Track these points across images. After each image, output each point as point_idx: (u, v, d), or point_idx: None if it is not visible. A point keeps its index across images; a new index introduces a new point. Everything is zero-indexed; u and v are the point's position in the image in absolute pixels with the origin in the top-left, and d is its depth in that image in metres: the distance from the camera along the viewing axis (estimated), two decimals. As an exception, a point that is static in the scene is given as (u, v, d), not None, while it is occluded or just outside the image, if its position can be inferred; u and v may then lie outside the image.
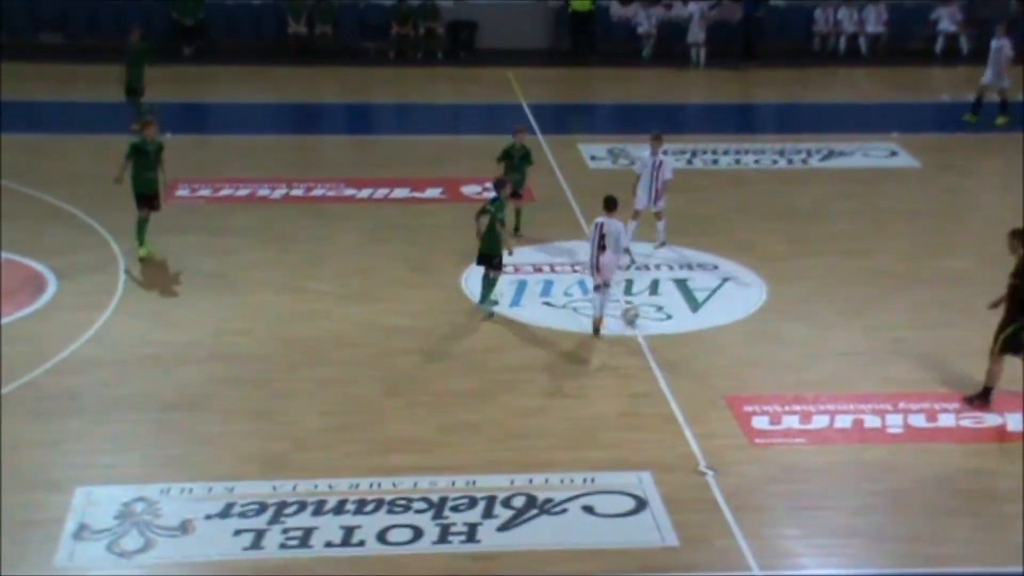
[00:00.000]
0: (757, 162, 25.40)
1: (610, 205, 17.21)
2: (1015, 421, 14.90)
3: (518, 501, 12.97)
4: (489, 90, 30.90)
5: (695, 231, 20.84)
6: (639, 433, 14.54)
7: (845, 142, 26.44)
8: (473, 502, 12.94)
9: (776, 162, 25.41)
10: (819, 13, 34.76)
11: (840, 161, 25.46)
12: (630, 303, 17.90)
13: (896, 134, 26.97)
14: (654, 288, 18.67)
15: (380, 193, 22.77)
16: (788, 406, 15.17)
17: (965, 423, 14.92)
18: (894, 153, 25.98)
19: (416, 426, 14.59)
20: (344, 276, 18.95)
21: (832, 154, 25.80)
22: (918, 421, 14.94)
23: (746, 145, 26.38)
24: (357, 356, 16.40)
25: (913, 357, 16.55)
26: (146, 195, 19.10)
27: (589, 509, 12.92)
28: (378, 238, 20.60)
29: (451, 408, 15.04)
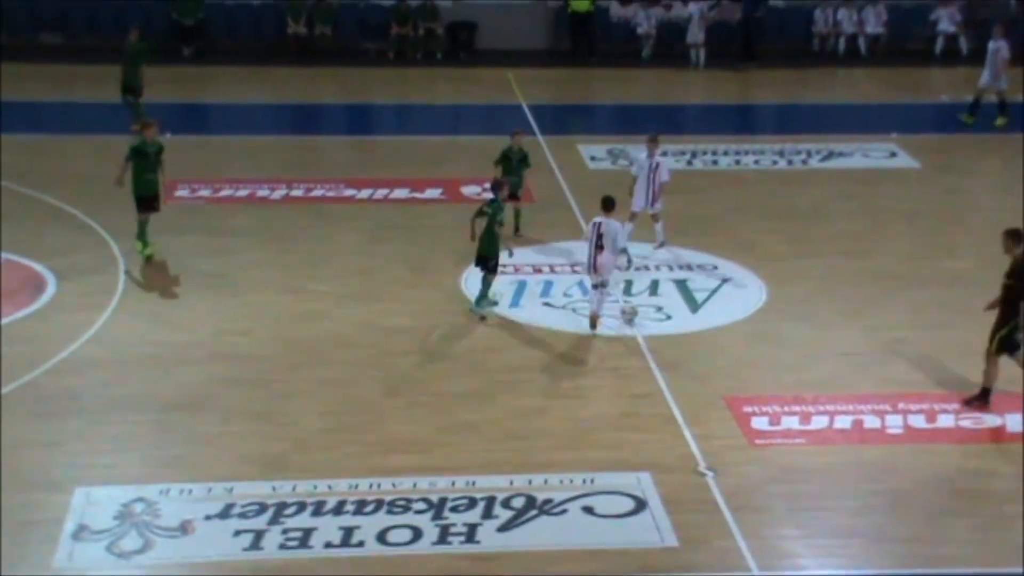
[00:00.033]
0: (757, 163, 25.40)
1: (608, 205, 17.23)
2: (1014, 422, 14.90)
3: (518, 502, 12.97)
4: (489, 91, 30.89)
5: (695, 232, 20.84)
6: (639, 434, 14.54)
7: (845, 143, 26.43)
8: (473, 503, 12.94)
9: (776, 163, 25.41)
10: (819, 14, 34.75)
11: (840, 162, 25.46)
12: (628, 302, 17.91)
13: (895, 135, 26.96)
14: (654, 289, 18.67)
15: (380, 193, 22.77)
16: (788, 407, 15.17)
17: (964, 424, 14.92)
18: (894, 154, 25.98)
19: (416, 426, 14.60)
20: (344, 276, 18.95)
21: (832, 155, 25.80)
22: (918, 422, 14.94)
23: (746, 146, 26.38)
24: (357, 356, 16.40)
25: (912, 358, 16.55)
26: (147, 197, 19.08)
27: (589, 510, 12.92)
28: (378, 238, 20.60)
29: (451, 408, 15.04)
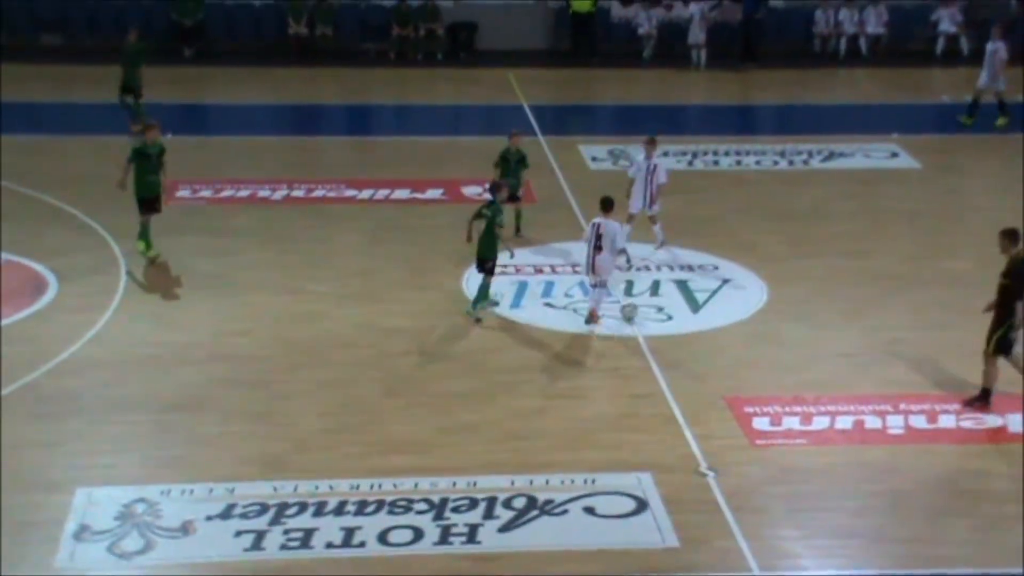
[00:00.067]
0: (758, 163, 25.39)
1: (606, 206, 17.26)
2: (1015, 422, 14.90)
3: (519, 502, 12.97)
4: (489, 91, 30.88)
5: (696, 232, 20.84)
6: (639, 434, 14.54)
7: (846, 143, 26.43)
8: (474, 503, 12.94)
9: (777, 163, 25.40)
10: (819, 14, 34.74)
11: (840, 162, 25.45)
12: (628, 301, 17.91)
13: (896, 135, 26.95)
14: (655, 289, 18.67)
15: (380, 194, 22.76)
16: (788, 407, 15.17)
17: (965, 424, 14.92)
18: (894, 154, 25.97)
19: (416, 427, 14.59)
20: (344, 277, 18.95)
21: (833, 155, 25.79)
22: (918, 422, 14.94)
23: (747, 146, 26.37)
24: (357, 357, 16.40)
25: (913, 358, 16.54)
26: (149, 198, 19.04)
27: (590, 510, 12.92)
28: (378, 239, 20.59)
29: (451, 409, 15.04)
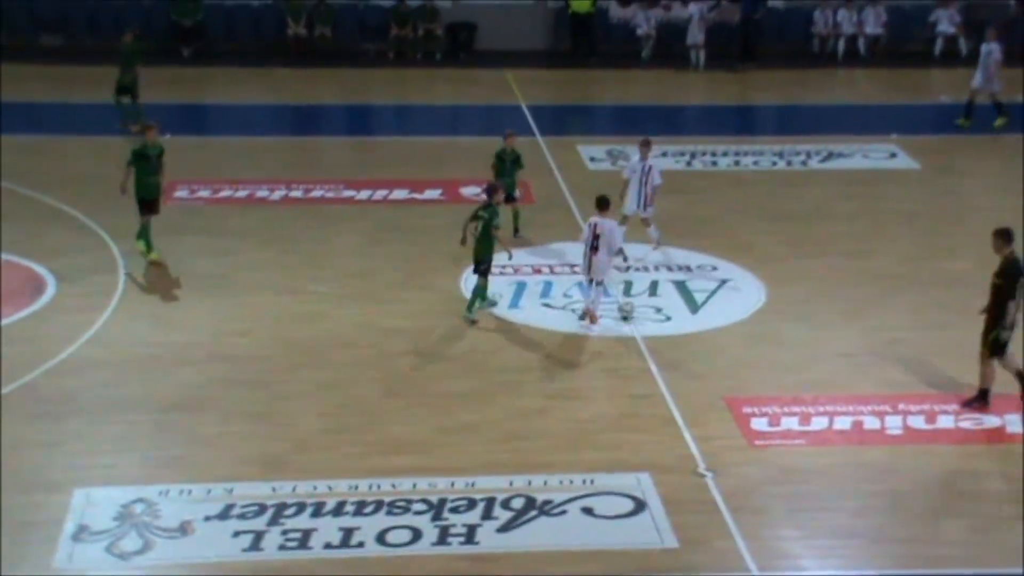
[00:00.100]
0: (756, 164, 25.40)
1: (602, 205, 17.30)
2: (1014, 423, 14.91)
3: (517, 502, 12.97)
4: (488, 91, 30.87)
5: (694, 232, 20.85)
6: (638, 434, 14.54)
7: (844, 144, 26.42)
8: (472, 503, 12.94)
9: (775, 163, 25.41)
10: (818, 15, 34.73)
11: (839, 163, 25.45)
12: (627, 300, 17.92)
13: (895, 135, 26.95)
14: (653, 289, 18.67)
15: (379, 194, 22.76)
16: (787, 407, 15.17)
17: (964, 425, 14.92)
18: (893, 155, 25.98)
19: (415, 427, 14.60)
20: (343, 277, 18.95)
21: (831, 156, 25.79)
22: (917, 423, 14.94)
23: (745, 147, 26.37)
24: (357, 357, 16.41)
25: (912, 358, 16.55)
26: (148, 200, 18.99)
27: (588, 510, 12.92)
28: (377, 239, 20.59)
29: (450, 409, 15.04)
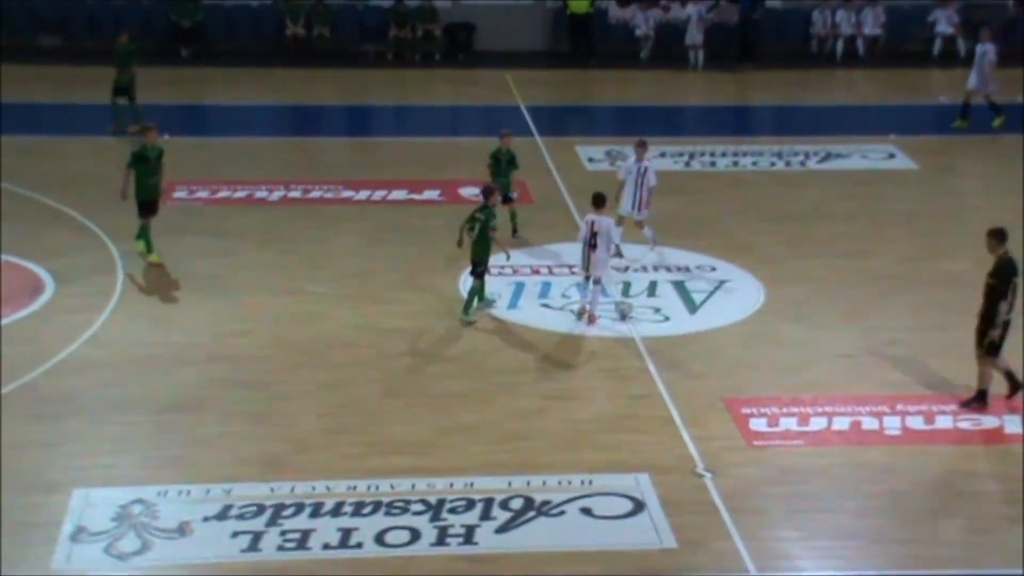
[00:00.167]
0: (755, 164, 25.40)
1: (599, 202, 17.35)
2: (1012, 423, 14.92)
3: (516, 503, 12.97)
4: (487, 92, 30.87)
5: (693, 233, 20.85)
6: (637, 435, 14.54)
7: (843, 144, 26.43)
8: (471, 504, 12.94)
9: (774, 164, 25.41)
10: (817, 15, 34.74)
11: (838, 163, 25.46)
12: (624, 300, 17.93)
13: (894, 136, 26.96)
14: (652, 290, 18.67)
15: (378, 195, 22.76)
16: (786, 408, 15.17)
17: (963, 425, 14.92)
18: (892, 155, 25.98)
19: (414, 428, 14.59)
20: (343, 278, 18.95)
21: (830, 156, 25.79)
22: (916, 423, 14.94)
23: (744, 147, 26.38)
24: (355, 358, 16.41)
25: (911, 359, 16.55)
26: (148, 202, 18.96)
27: (587, 511, 12.92)
28: (376, 240, 20.59)
29: (449, 410, 15.05)
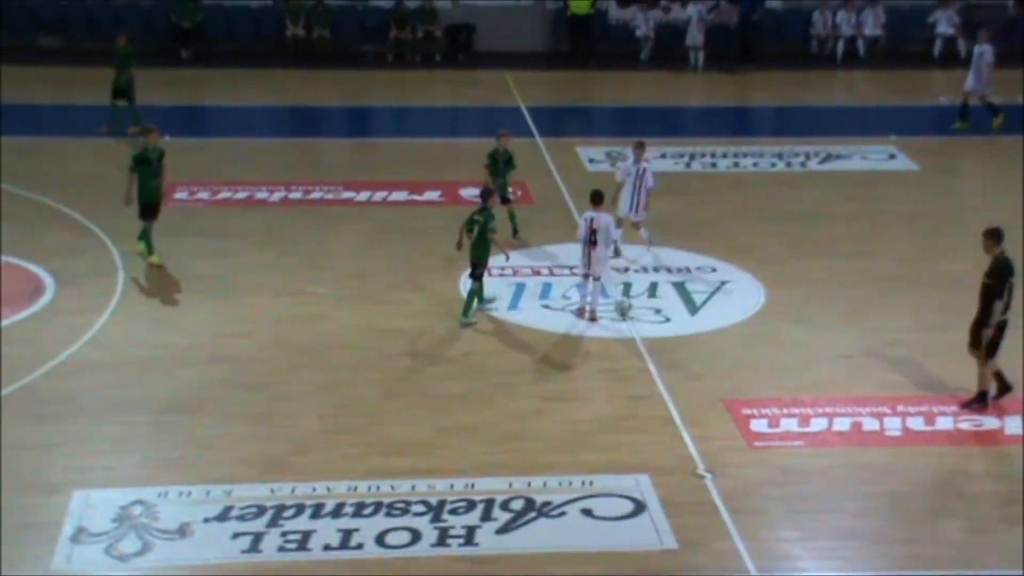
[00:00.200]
0: (755, 165, 25.40)
1: (597, 199, 17.43)
2: (1013, 424, 14.92)
3: (516, 504, 12.97)
4: (487, 93, 30.86)
5: (693, 234, 20.85)
6: (637, 436, 14.54)
7: (843, 145, 26.42)
8: (471, 505, 12.94)
9: (774, 165, 25.41)
10: (817, 16, 34.73)
11: (838, 164, 25.45)
12: (624, 299, 17.93)
13: (894, 137, 26.96)
14: (652, 291, 18.67)
15: (378, 196, 22.75)
16: (786, 409, 15.17)
17: (963, 426, 14.92)
18: (892, 156, 25.98)
19: (415, 428, 14.59)
20: (343, 279, 18.94)
21: (830, 157, 25.79)
22: (916, 424, 14.94)
23: (744, 148, 26.37)
24: (356, 359, 16.40)
25: (911, 360, 16.55)
26: (150, 204, 18.93)
27: (587, 512, 12.92)
28: (377, 241, 20.59)
29: (449, 410, 15.05)
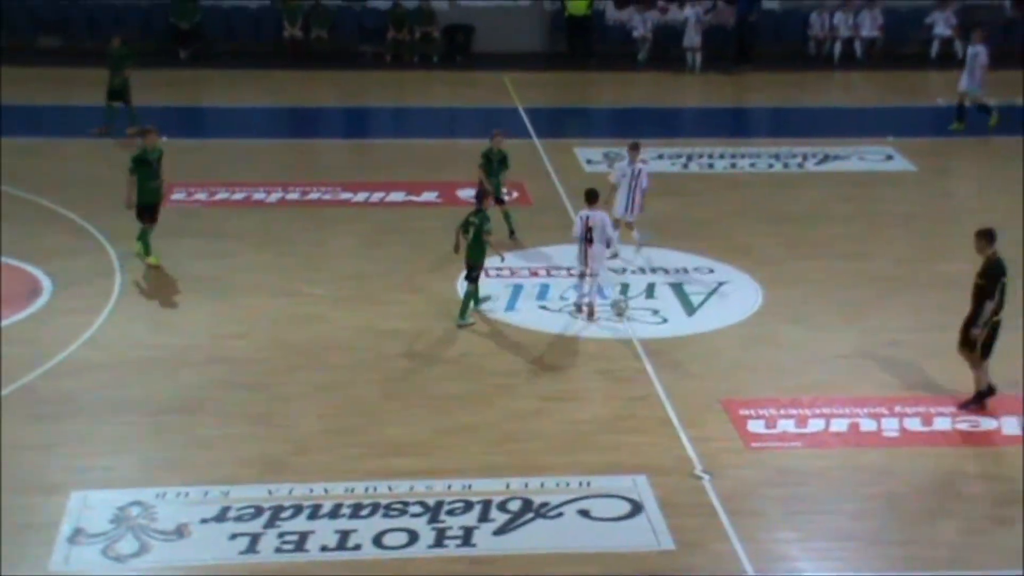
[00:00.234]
0: (753, 166, 25.41)
1: (591, 197, 17.49)
2: (1010, 425, 14.93)
3: (514, 505, 12.97)
4: (485, 94, 30.85)
5: (691, 235, 20.86)
6: (635, 436, 14.55)
7: (841, 146, 26.43)
8: (469, 506, 12.94)
9: (772, 166, 25.42)
10: (815, 17, 34.74)
11: (836, 165, 25.46)
12: (621, 298, 17.95)
13: (892, 138, 26.97)
14: (650, 292, 18.67)
15: (376, 197, 22.76)
16: (784, 409, 15.18)
17: (961, 426, 14.93)
18: (890, 157, 25.99)
19: (413, 429, 14.60)
20: (341, 280, 18.95)
21: (828, 158, 25.80)
22: (914, 424, 14.96)
23: (742, 149, 26.37)
24: (354, 359, 16.41)
25: (909, 360, 16.56)
26: (150, 206, 18.92)
27: (585, 513, 12.92)
28: (374, 242, 20.60)
29: (447, 411, 15.05)
